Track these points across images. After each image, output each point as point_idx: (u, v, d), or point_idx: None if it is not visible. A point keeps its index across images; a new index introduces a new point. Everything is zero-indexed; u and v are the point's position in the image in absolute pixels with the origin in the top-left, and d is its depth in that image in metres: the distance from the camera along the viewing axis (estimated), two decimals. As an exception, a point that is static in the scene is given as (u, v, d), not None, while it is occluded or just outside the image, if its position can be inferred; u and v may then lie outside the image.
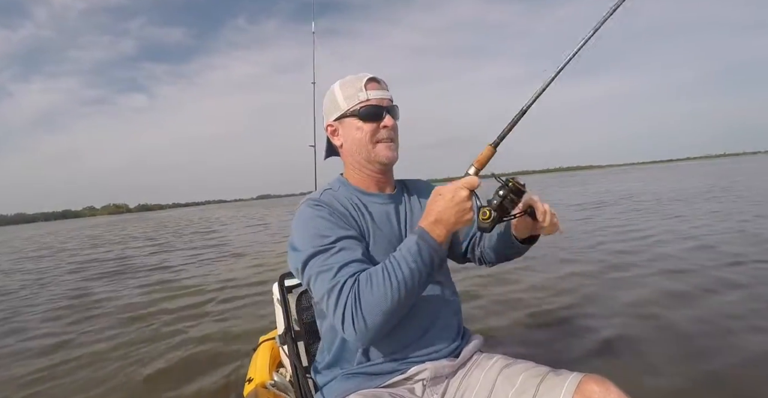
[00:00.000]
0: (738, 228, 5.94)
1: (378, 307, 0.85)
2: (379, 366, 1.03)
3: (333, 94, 1.08)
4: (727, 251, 4.62)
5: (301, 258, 0.95)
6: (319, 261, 0.92)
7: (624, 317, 2.94)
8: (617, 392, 0.85)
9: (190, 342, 3.30)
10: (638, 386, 1.98)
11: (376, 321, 0.86)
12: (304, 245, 0.95)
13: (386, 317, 0.86)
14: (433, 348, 1.05)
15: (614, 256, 4.97)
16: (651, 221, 7.42)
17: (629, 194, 14.19)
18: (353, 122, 1.05)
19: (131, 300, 5.08)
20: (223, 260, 7.64)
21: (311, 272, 0.93)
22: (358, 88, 1.04)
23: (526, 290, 3.82)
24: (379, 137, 1.05)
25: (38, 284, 6.99)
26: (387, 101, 1.06)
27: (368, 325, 0.86)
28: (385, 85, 1.08)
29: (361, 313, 0.85)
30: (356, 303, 0.86)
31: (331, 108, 1.09)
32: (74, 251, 13.18)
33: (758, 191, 11.38)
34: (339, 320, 0.87)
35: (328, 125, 1.11)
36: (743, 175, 20.97)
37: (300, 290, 1.54)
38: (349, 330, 0.87)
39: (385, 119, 1.04)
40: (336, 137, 1.11)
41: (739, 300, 3.08)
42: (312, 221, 0.99)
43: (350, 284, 0.88)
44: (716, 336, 2.51)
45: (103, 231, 24.83)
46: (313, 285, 0.93)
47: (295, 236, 1.00)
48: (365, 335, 0.87)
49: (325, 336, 1.12)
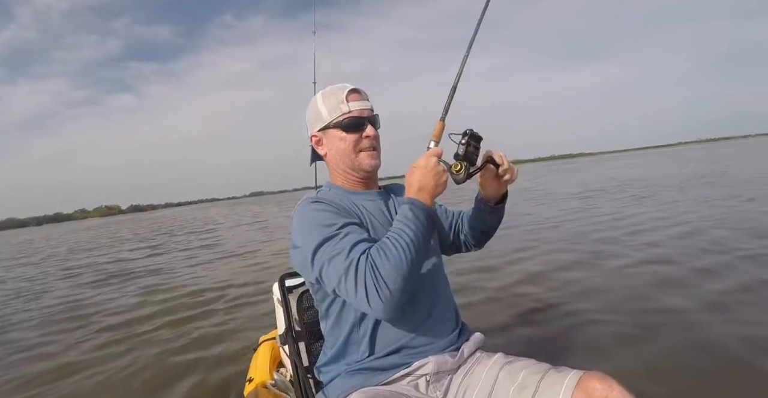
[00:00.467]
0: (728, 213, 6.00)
1: (396, 272, 0.90)
2: (381, 360, 1.04)
3: (316, 105, 1.13)
4: (719, 236, 4.66)
5: (309, 249, 0.97)
6: (329, 248, 0.96)
7: (622, 310, 2.94)
8: (620, 389, 0.86)
9: (189, 343, 3.29)
10: (639, 382, 1.97)
11: (398, 285, 0.90)
12: (311, 237, 0.98)
13: (405, 279, 0.91)
14: (434, 338, 1.07)
15: (606, 245, 5.00)
16: (642, 208, 7.45)
17: (621, 182, 14.29)
18: (336, 133, 1.10)
19: (128, 301, 5.05)
20: (220, 260, 7.61)
21: (323, 260, 0.96)
22: (340, 101, 1.09)
23: (520, 284, 3.84)
24: (361, 147, 1.11)
25: (32, 290, 6.92)
26: (368, 112, 1.12)
27: (392, 291, 0.89)
28: (365, 96, 1.14)
29: (383, 281, 0.89)
30: (375, 275, 0.90)
31: (315, 119, 1.13)
32: (65, 255, 13.07)
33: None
34: (363, 296, 0.90)
35: (313, 135, 1.15)
36: (734, 158, 21.13)
37: (300, 291, 1.54)
38: (375, 301, 0.89)
39: (366, 130, 1.10)
40: (320, 147, 1.16)
41: (733, 288, 3.11)
42: (313, 214, 1.03)
43: (365, 260, 0.92)
44: (718, 328, 2.50)
45: (96, 234, 24.62)
46: (327, 272, 0.95)
47: (299, 232, 1.02)
48: (391, 301, 0.90)
49: (328, 335, 1.13)
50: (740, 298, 2.91)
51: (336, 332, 1.09)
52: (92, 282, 6.81)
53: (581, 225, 6.67)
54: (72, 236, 27.03)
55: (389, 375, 1.03)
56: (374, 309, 0.91)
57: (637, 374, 2.06)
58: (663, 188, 10.80)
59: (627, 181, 14.92)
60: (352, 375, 1.05)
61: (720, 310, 2.76)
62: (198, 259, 8.16)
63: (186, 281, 5.96)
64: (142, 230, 21.45)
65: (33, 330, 4.31)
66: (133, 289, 5.83)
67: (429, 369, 1.03)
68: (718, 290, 3.11)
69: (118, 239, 17.08)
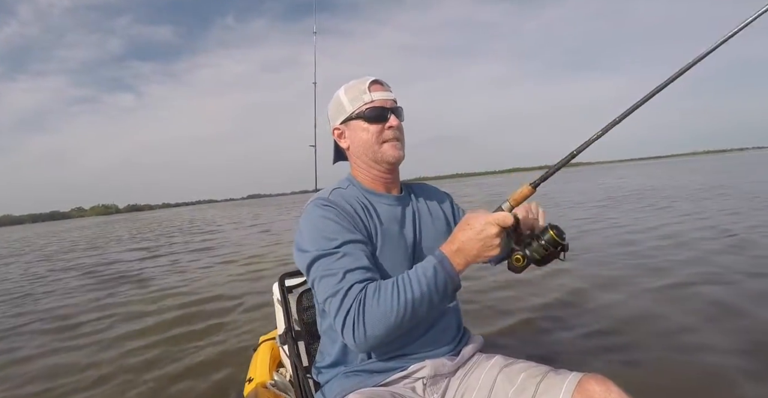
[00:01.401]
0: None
1: (381, 321, 0.86)
2: (379, 363, 1.04)
3: (338, 98, 1.10)
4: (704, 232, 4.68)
5: (306, 260, 0.96)
6: (323, 265, 0.93)
7: (622, 317, 2.94)
8: (618, 392, 0.86)
9: (189, 343, 3.29)
10: (638, 386, 1.97)
11: (377, 333, 0.86)
12: (310, 247, 0.97)
13: (387, 331, 0.87)
14: (434, 347, 1.07)
15: (608, 254, 5.00)
16: (642, 218, 7.49)
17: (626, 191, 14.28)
18: (359, 123, 1.07)
19: (127, 300, 5.04)
20: (220, 262, 7.58)
21: (315, 275, 0.94)
22: (362, 91, 1.06)
23: (521, 290, 3.85)
24: (385, 137, 1.07)
25: (29, 289, 6.89)
26: (391, 102, 1.08)
27: (368, 335, 0.86)
28: (388, 87, 1.10)
29: (363, 322, 0.86)
30: (359, 312, 0.86)
31: (337, 112, 1.11)
32: (64, 254, 13.02)
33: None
34: (339, 324, 0.88)
35: (335, 128, 1.13)
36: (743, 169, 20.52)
37: (300, 291, 1.54)
38: (348, 335, 0.88)
39: (390, 120, 1.06)
40: (343, 140, 1.13)
41: (729, 294, 3.12)
42: (319, 221, 0.99)
43: (355, 292, 0.88)
44: (717, 335, 2.48)
45: (92, 234, 24.50)
46: (317, 287, 0.95)
47: (302, 235, 1.01)
48: (364, 343, 0.88)
49: (325, 334, 1.13)
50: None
51: (334, 331, 1.07)
52: (95, 282, 6.78)
53: (582, 234, 6.65)
54: (68, 234, 26.85)
55: (386, 377, 1.03)
56: (346, 341, 0.90)
57: (635, 377, 2.06)
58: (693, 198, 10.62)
59: (640, 190, 14.25)
60: (350, 377, 1.05)
61: (723, 315, 2.68)
62: (197, 259, 8.15)
63: (183, 282, 5.94)
64: (144, 230, 21.32)
65: (32, 329, 4.30)
66: (132, 289, 5.81)
67: (426, 372, 1.03)
68: (716, 298, 3.08)
69: (115, 239, 17.03)
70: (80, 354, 3.31)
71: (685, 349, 2.35)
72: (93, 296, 5.55)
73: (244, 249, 8.82)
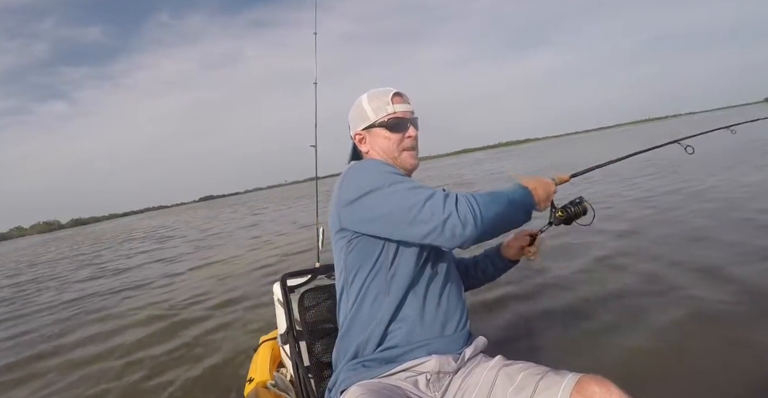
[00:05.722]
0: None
1: (491, 205, 0.95)
2: (385, 353, 1.06)
3: (361, 105, 1.20)
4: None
5: (386, 182, 0.99)
6: (407, 184, 0.99)
7: (620, 312, 2.94)
8: (618, 393, 0.86)
9: (189, 343, 3.29)
10: (638, 387, 1.96)
11: (489, 215, 0.94)
12: (380, 182, 1.00)
13: (495, 218, 0.95)
14: (441, 343, 1.09)
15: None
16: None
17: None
18: (381, 132, 1.17)
19: (125, 305, 5.05)
20: (198, 267, 7.27)
21: (404, 187, 0.98)
22: (386, 102, 1.17)
23: (521, 290, 3.84)
24: (404, 146, 1.18)
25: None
26: (410, 114, 1.20)
27: (483, 215, 0.93)
28: (407, 99, 1.21)
29: (476, 203, 0.93)
30: (470, 198, 0.94)
31: (359, 118, 1.20)
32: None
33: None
34: (452, 206, 0.91)
35: (357, 133, 1.22)
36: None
37: (302, 290, 1.54)
38: (464, 213, 0.91)
39: (409, 130, 1.18)
40: (363, 145, 1.22)
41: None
42: (383, 166, 1.07)
43: (455, 193, 0.95)
44: (722, 335, 2.37)
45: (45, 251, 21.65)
46: (406, 195, 0.96)
47: (363, 178, 1.03)
48: (477, 224, 0.92)
49: (349, 319, 1.11)
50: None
51: (353, 323, 1.10)
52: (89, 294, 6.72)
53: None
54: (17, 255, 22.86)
55: (389, 369, 1.04)
56: (463, 220, 0.91)
57: (634, 377, 2.03)
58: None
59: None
60: (354, 368, 1.07)
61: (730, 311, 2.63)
62: (172, 265, 8.08)
63: (170, 289, 5.93)
64: (96, 246, 17.37)
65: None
66: (126, 297, 5.81)
67: (430, 367, 1.04)
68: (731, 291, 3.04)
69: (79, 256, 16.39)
70: (71, 356, 3.31)
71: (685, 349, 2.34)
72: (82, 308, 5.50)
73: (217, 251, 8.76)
